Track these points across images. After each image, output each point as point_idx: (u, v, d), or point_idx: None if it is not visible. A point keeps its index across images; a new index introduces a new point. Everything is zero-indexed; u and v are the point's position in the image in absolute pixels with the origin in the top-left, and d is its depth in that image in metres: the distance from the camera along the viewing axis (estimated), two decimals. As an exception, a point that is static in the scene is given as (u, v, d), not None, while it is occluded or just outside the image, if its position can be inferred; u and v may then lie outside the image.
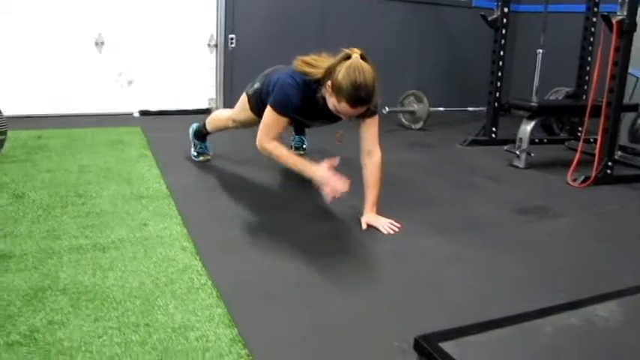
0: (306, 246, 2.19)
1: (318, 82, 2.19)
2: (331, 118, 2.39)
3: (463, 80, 5.85)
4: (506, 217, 2.68)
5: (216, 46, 4.75)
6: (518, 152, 3.60)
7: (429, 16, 5.58)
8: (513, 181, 3.34)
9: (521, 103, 3.66)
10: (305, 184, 2.62)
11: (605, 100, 3.18)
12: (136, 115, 4.61)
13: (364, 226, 2.39)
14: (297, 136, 3.53)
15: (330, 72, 2.11)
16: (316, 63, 2.20)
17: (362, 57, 2.11)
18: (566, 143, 4.33)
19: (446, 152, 4.07)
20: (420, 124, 4.78)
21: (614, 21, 3.05)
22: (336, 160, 2.18)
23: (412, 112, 4.81)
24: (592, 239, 2.45)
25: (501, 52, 4.10)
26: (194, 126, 3.32)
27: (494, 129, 4.27)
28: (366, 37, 5.22)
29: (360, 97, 2.05)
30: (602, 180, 3.27)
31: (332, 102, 2.14)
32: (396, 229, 2.36)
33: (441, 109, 4.95)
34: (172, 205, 2.56)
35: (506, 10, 4.01)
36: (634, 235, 2.52)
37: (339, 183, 2.12)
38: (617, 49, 3.08)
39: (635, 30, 3.10)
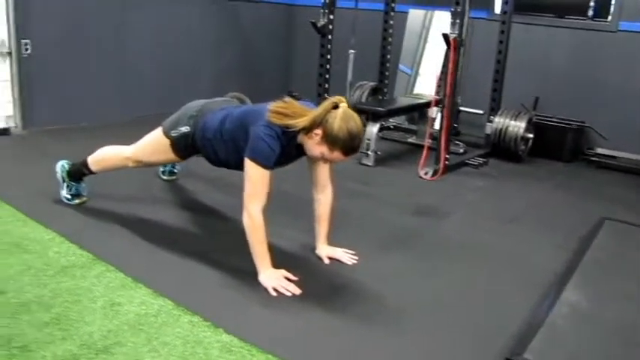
0: (317, 293, 2.18)
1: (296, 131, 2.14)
2: (294, 160, 2.37)
3: (260, 74, 6.01)
4: (416, 222, 3.02)
5: (9, 53, 3.98)
6: (369, 152, 3.98)
7: (225, 14, 5.56)
8: (379, 182, 3.71)
9: (368, 109, 4.04)
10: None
11: (447, 104, 3.73)
12: None
13: (326, 261, 2.46)
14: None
15: (318, 122, 2.09)
16: (291, 112, 2.14)
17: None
18: (380, 133, 4.92)
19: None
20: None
21: (451, 39, 3.58)
22: (292, 277, 2.23)
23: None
24: (490, 234, 2.95)
25: (328, 56, 4.39)
26: (65, 165, 2.83)
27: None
28: (167, 38, 5.01)
29: (355, 146, 2.11)
30: (443, 170, 3.87)
31: (320, 150, 2.12)
32: (356, 257, 2.50)
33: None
34: (116, 272, 2.23)
35: (332, 17, 4.29)
36: (510, 219, 3.14)
37: (288, 288, 2.15)
38: (455, 62, 3.63)
39: (464, 45, 3.70)
